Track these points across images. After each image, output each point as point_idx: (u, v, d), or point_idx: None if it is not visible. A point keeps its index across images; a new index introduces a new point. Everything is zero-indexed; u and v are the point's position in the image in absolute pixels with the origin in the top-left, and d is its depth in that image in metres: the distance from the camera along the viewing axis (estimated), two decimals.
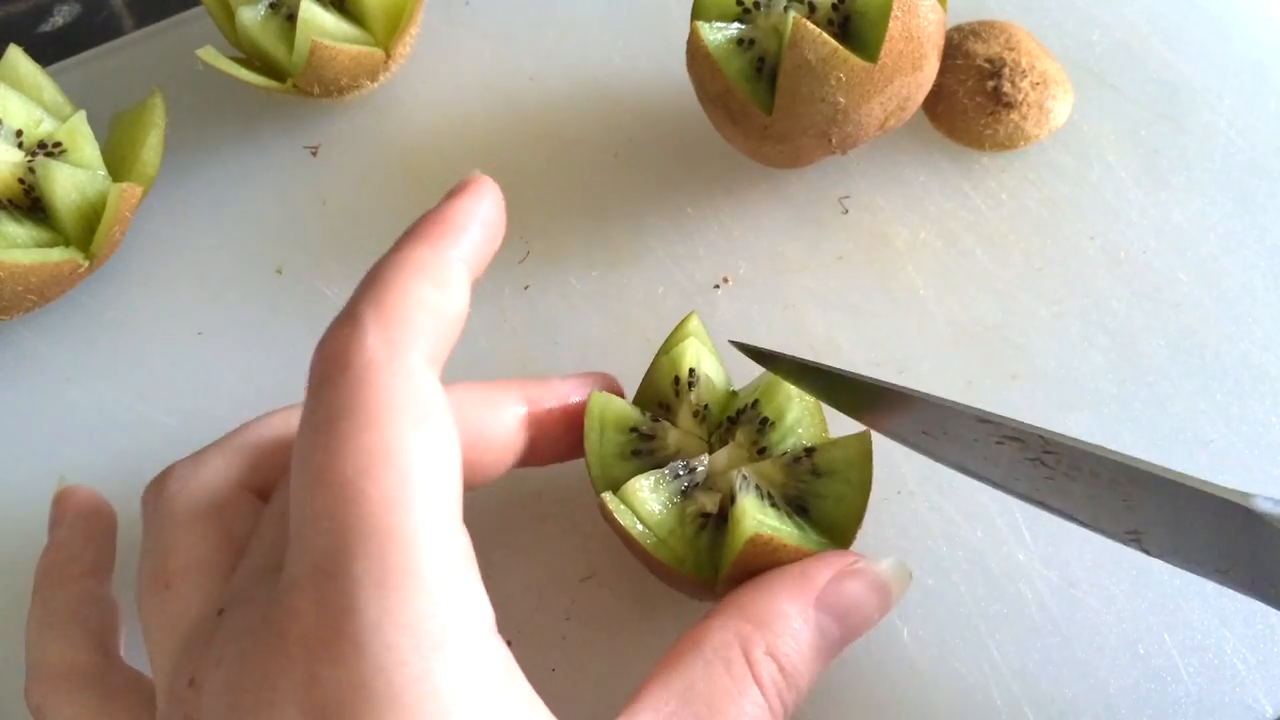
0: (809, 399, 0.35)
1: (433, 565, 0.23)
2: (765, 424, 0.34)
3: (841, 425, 0.34)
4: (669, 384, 0.35)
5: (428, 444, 0.24)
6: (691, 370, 0.35)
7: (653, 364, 0.36)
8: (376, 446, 0.23)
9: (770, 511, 0.31)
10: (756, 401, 0.34)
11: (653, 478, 0.33)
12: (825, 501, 0.32)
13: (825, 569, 0.30)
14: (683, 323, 0.36)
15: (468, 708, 0.22)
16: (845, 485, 0.32)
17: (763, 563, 0.31)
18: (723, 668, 0.28)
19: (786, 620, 0.29)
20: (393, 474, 0.23)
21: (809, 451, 0.33)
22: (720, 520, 0.33)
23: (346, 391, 0.24)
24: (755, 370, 0.37)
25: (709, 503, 0.33)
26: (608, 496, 0.32)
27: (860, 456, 0.32)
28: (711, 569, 0.32)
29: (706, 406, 0.35)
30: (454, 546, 0.24)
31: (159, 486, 0.30)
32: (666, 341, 0.36)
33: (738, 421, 0.34)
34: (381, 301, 0.25)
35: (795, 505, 0.33)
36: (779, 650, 0.29)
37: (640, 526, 0.32)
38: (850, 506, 0.32)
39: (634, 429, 0.34)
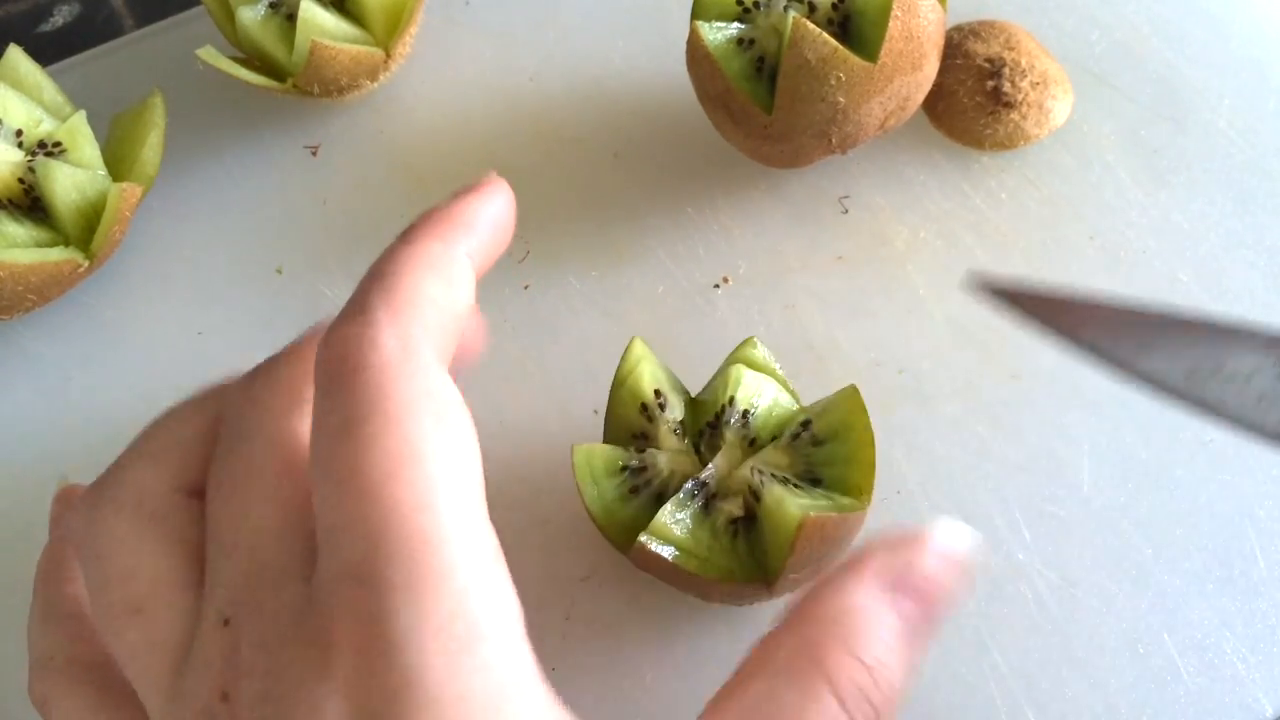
0: (767, 376, 0.35)
1: (463, 566, 0.23)
2: (746, 416, 0.34)
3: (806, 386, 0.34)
4: (637, 413, 0.35)
5: (450, 442, 0.24)
6: (658, 392, 0.35)
7: (611, 399, 0.36)
8: (401, 449, 0.23)
9: (799, 492, 0.32)
10: (732, 399, 0.35)
11: (672, 505, 0.33)
12: (835, 465, 0.33)
13: (880, 550, 0.27)
14: (627, 352, 0.36)
15: (501, 710, 0.22)
16: (850, 442, 0.33)
17: (818, 543, 0.31)
18: (786, 683, 0.25)
19: (859, 613, 0.26)
20: (419, 476, 0.23)
21: (805, 425, 0.33)
22: (748, 521, 0.33)
23: (365, 392, 0.23)
24: (701, 371, 0.37)
25: (733, 508, 0.33)
26: (645, 539, 0.32)
27: (854, 410, 0.33)
28: (758, 569, 0.32)
29: (682, 421, 0.35)
30: (483, 545, 0.24)
31: (90, 512, 0.28)
32: (617, 375, 0.35)
33: (719, 425, 0.35)
34: (392, 296, 0.25)
35: (808, 479, 0.33)
36: (859, 647, 0.26)
37: (683, 555, 0.32)
38: (861, 459, 0.32)
39: (624, 467, 0.34)
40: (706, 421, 0.35)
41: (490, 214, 0.28)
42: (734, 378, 0.35)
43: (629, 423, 0.35)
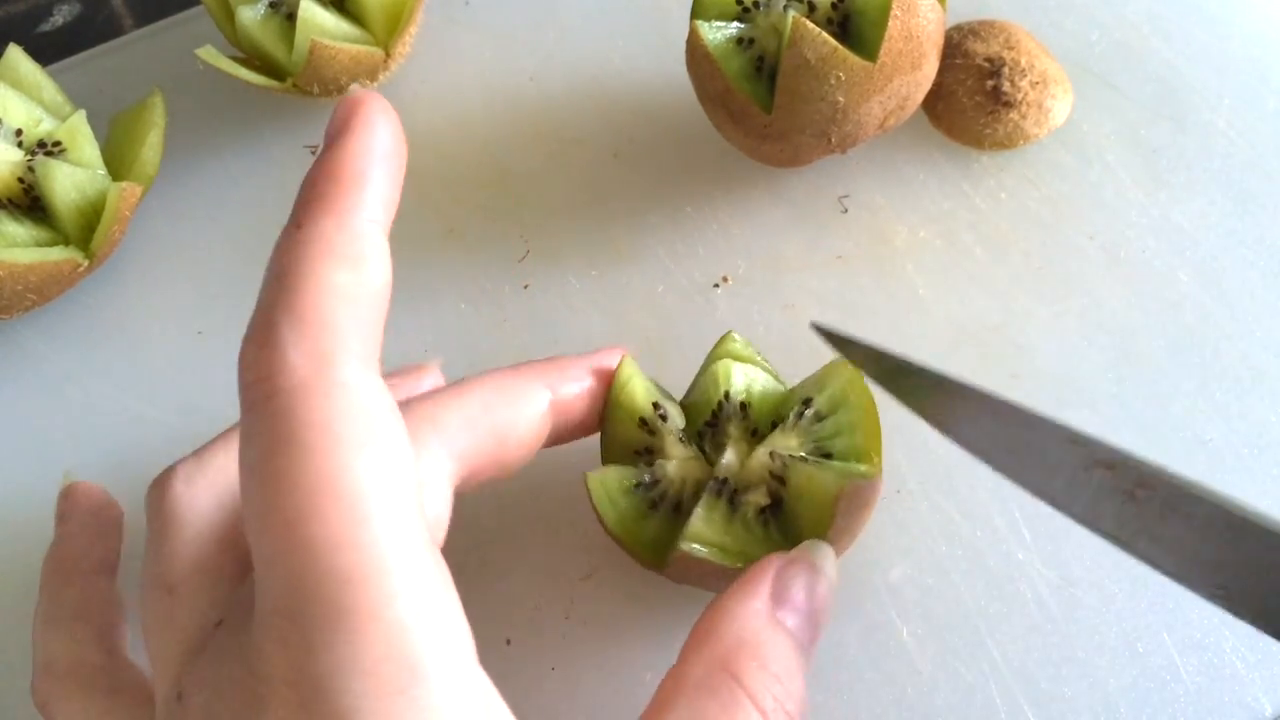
0: (751, 365, 0.35)
1: (393, 603, 0.21)
2: (745, 408, 0.34)
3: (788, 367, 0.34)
4: (636, 429, 0.35)
5: (376, 467, 0.22)
6: (656, 404, 0.35)
7: (607, 419, 0.35)
8: (318, 482, 0.21)
9: (821, 466, 0.32)
10: (728, 394, 0.35)
11: (703, 508, 0.33)
12: (843, 435, 0.33)
13: (764, 572, 0.30)
14: (619, 371, 0.35)
15: None
16: (853, 412, 0.33)
17: (856, 510, 0.32)
18: (708, 697, 0.27)
19: (758, 630, 0.28)
20: (340, 511, 0.21)
21: (807, 403, 0.34)
22: (774, 508, 0.33)
23: (276, 422, 0.22)
24: (679, 374, 0.37)
25: (759, 498, 0.33)
26: (689, 547, 0.31)
27: (852, 380, 0.33)
28: (790, 547, 0.32)
29: (683, 429, 0.35)
30: (419, 574, 0.22)
31: (162, 487, 0.29)
32: (609, 395, 0.35)
33: (718, 423, 0.35)
34: (294, 304, 0.22)
35: (820, 455, 0.33)
36: (767, 658, 0.28)
37: (727, 554, 0.32)
38: (867, 427, 0.33)
39: (638, 484, 0.34)
40: (705, 421, 0.35)
41: (379, 151, 0.25)
42: (723, 373, 0.35)
43: (628, 440, 0.35)
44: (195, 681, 0.24)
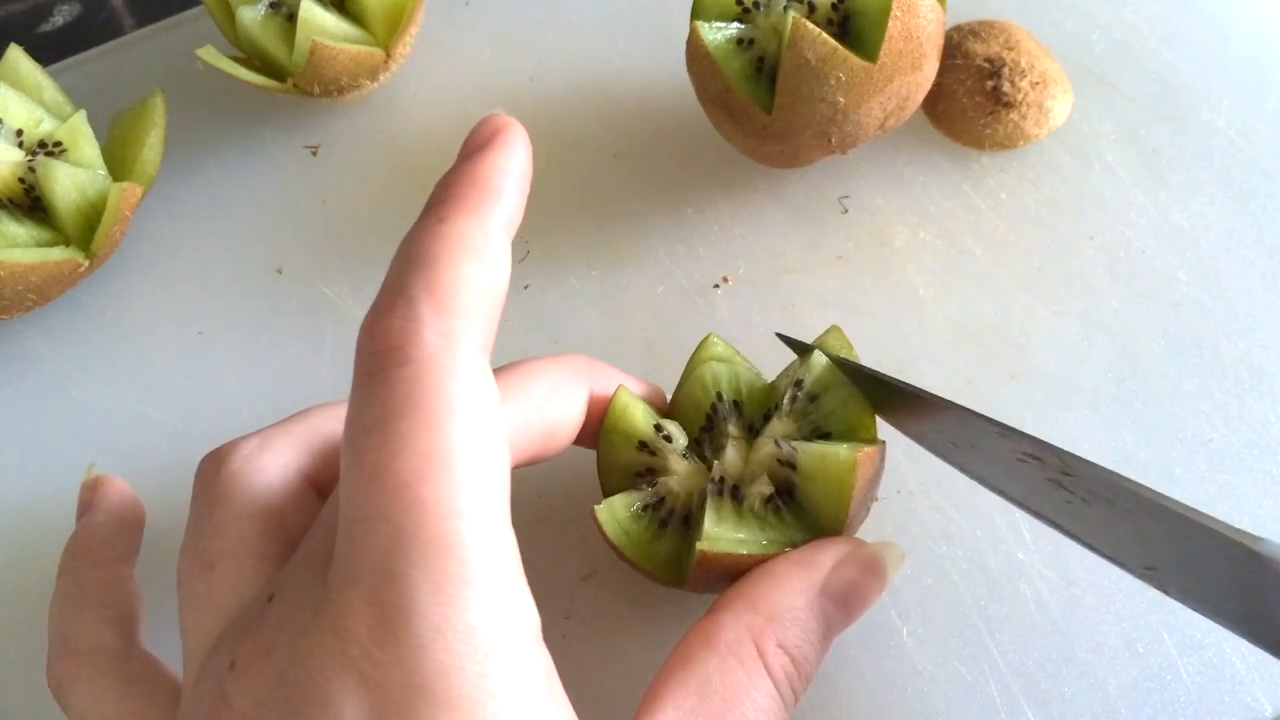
0: (735, 365, 0.36)
1: (486, 573, 0.23)
2: (739, 406, 0.35)
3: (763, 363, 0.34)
4: (636, 453, 0.34)
5: (483, 446, 0.24)
6: (657, 427, 0.34)
7: (605, 447, 0.35)
8: (434, 450, 0.23)
9: (827, 443, 0.33)
10: (720, 395, 0.35)
11: (711, 509, 0.32)
12: (837, 411, 0.33)
13: (827, 557, 0.31)
14: (615, 399, 0.34)
15: (516, 714, 0.23)
16: (843, 388, 0.33)
17: (871, 478, 0.32)
18: (737, 663, 0.29)
19: (795, 612, 0.30)
20: (450, 479, 0.23)
21: (798, 386, 0.34)
22: (784, 496, 0.33)
23: (403, 388, 0.23)
24: (679, 374, 0.36)
25: (763, 488, 0.33)
26: (707, 546, 0.31)
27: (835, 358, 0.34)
28: (815, 530, 0.32)
29: (686, 444, 0.35)
30: (505, 552, 0.24)
31: (219, 462, 0.29)
32: (604, 425, 0.34)
33: (714, 426, 0.35)
34: (434, 286, 0.24)
35: (819, 436, 0.33)
36: (790, 642, 0.29)
37: (747, 544, 0.32)
38: (856, 399, 0.33)
39: (645, 507, 0.34)
40: (700, 428, 0.35)
41: (516, 172, 0.27)
42: (710, 377, 0.35)
43: (629, 465, 0.34)
44: (254, 650, 0.24)
